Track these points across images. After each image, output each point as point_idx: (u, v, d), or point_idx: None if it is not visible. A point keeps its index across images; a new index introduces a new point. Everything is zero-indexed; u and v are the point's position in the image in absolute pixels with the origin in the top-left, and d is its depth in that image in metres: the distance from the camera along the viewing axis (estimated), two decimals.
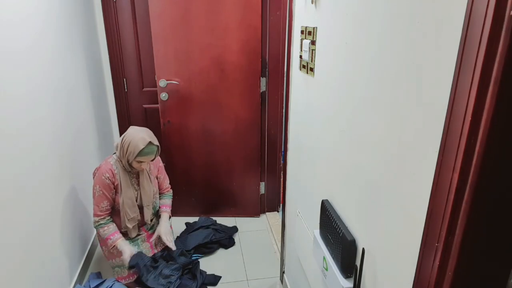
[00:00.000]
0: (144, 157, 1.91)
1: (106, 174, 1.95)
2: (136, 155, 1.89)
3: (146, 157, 1.92)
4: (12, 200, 1.41)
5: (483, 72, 0.53)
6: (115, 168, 1.98)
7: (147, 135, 1.93)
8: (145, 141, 1.89)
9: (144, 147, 1.88)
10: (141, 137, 1.90)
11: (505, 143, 0.56)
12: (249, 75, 2.46)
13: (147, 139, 1.90)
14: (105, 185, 1.95)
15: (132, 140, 1.90)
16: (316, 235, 1.26)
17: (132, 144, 1.89)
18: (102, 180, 1.95)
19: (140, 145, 1.88)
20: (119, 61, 2.70)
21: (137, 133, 1.93)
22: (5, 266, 1.35)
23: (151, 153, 1.92)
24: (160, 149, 2.00)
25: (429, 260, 0.68)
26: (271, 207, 2.93)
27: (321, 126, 1.28)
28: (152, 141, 1.92)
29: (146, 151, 1.90)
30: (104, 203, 1.97)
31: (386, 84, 0.82)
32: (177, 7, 2.28)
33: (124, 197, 2.00)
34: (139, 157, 1.90)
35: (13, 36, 1.47)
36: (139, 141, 1.88)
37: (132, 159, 1.91)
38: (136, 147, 1.88)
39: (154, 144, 1.93)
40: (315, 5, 1.25)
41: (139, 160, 1.92)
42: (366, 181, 0.95)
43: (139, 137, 1.90)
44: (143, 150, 1.88)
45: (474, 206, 0.59)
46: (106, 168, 1.97)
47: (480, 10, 0.53)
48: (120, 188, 1.99)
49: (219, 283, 2.16)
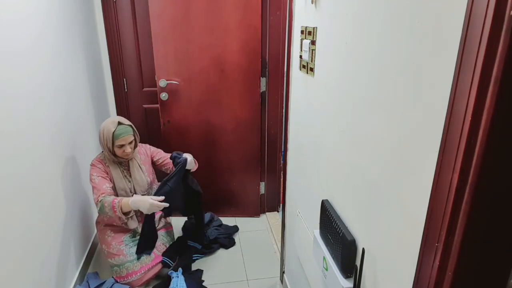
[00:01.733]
0: (120, 139, 1.94)
1: (98, 165, 2.01)
2: (112, 139, 1.93)
3: (122, 138, 1.95)
4: (12, 200, 1.41)
5: (483, 72, 0.53)
6: (105, 162, 2.03)
7: (116, 118, 1.99)
8: (114, 122, 1.94)
9: (115, 128, 1.92)
10: (111, 121, 1.97)
11: (505, 143, 0.56)
12: (249, 75, 2.45)
13: (116, 120, 1.95)
14: (100, 171, 2.00)
15: (104, 126, 1.96)
16: (316, 235, 1.26)
17: (105, 130, 1.95)
18: (96, 169, 2.00)
19: (111, 128, 1.93)
20: (119, 61, 2.70)
21: (107, 120, 2.00)
22: (5, 266, 1.35)
23: (125, 132, 1.95)
24: (134, 128, 2.03)
25: (429, 260, 0.68)
26: (271, 207, 2.93)
27: (321, 126, 1.28)
28: (122, 121, 1.97)
29: (119, 131, 1.94)
30: (106, 185, 1.98)
31: (386, 84, 0.82)
32: (177, 7, 2.28)
33: (118, 188, 2.04)
34: (116, 141, 1.93)
35: (13, 36, 1.47)
36: (109, 125, 1.95)
37: (111, 145, 1.94)
38: (108, 131, 1.93)
39: (125, 124, 1.97)
40: (315, 5, 1.25)
41: (118, 144, 1.95)
42: (366, 181, 0.95)
43: (109, 121, 1.97)
44: (116, 131, 1.92)
45: (474, 206, 0.59)
46: (96, 161, 2.03)
47: (480, 10, 0.53)
48: (112, 180, 2.03)
49: (219, 283, 2.17)
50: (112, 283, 2.02)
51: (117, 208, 1.90)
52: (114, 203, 1.90)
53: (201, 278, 2.18)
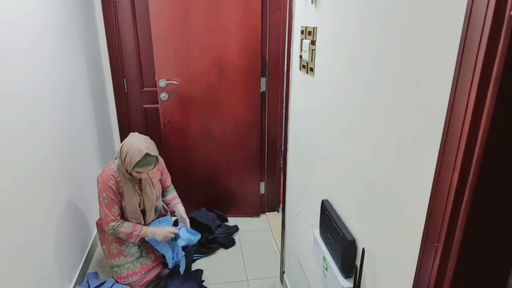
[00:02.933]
0: (141, 168, 1.87)
1: (110, 181, 1.92)
2: (133, 166, 1.85)
3: (143, 168, 1.88)
4: (12, 200, 1.41)
5: (483, 72, 0.53)
6: (118, 175, 1.95)
7: (144, 146, 1.85)
8: (142, 152, 1.82)
9: (141, 159, 1.83)
10: (138, 148, 1.83)
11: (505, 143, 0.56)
12: (249, 75, 2.45)
13: (144, 150, 1.83)
14: (112, 191, 1.93)
15: (129, 150, 1.84)
16: (316, 235, 1.26)
17: (129, 155, 1.84)
18: (108, 186, 1.92)
19: (137, 157, 1.82)
20: (119, 61, 2.70)
21: (135, 142, 1.86)
22: (5, 266, 1.35)
23: (148, 164, 1.87)
24: (158, 159, 1.96)
25: (429, 260, 0.68)
26: (271, 207, 2.93)
27: (321, 126, 1.28)
28: (150, 152, 1.85)
29: (143, 162, 1.85)
30: (115, 208, 1.94)
31: (386, 84, 0.82)
32: (177, 7, 2.28)
33: (127, 204, 1.98)
34: (136, 168, 1.86)
35: (13, 36, 1.47)
36: (135, 153, 1.83)
37: (130, 169, 1.87)
38: (132, 158, 1.83)
39: (152, 155, 1.87)
40: (315, 5, 1.25)
41: (137, 170, 1.88)
42: (366, 181, 0.95)
43: (136, 147, 1.83)
44: (140, 161, 1.84)
45: (474, 206, 0.59)
46: (109, 174, 1.93)
47: (480, 10, 0.53)
48: (123, 195, 1.97)
49: (219, 283, 2.17)
50: (112, 283, 2.02)
51: (134, 238, 1.99)
52: (133, 235, 1.98)
53: (201, 278, 2.18)
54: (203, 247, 2.41)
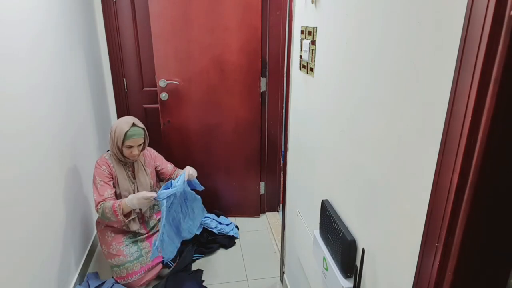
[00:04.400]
0: (131, 140, 1.96)
1: (102, 166, 2.01)
2: (123, 139, 1.94)
3: (133, 140, 1.97)
4: (12, 200, 1.41)
5: (483, 72, 0.53)
6: (110, 162, 2.04)
7: (131, 119, 2.01)
8: (129, 123, 1.96)
9: (129, 129, 1.94)
10: (125, 121, 1.98)
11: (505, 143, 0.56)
12: (249, 75, 2.45)
13: (131, 121, 1.98)
14: (104, 175, 2.00)
15: (117, 125, 1.98)
16: (316, 235, 1.26)
17: (118, 128, 1.96)
18: (100, 171, 2.00)
19: (125, 127, 1.95)
20: (119, 61, 2.70)
21: (121, 119, 2.03)
22: (5, 266, 1.35)
23: (137, 135, 1.97)
24: (146, 132, 2.05)
25: (429, 260, 0.68)
26: (271, 207, 2.93)
27: (321, 126, 1.28)
28: (136, 123, 1.99)
29: (131, 132, 1.95)
30: (107, 191, 1.98)
31: (386, 84, 0.82)
32: (177, 7, 2.28)
33: (121, 189, 2.04)
34: (126, 141, 1.95)
35: (13, 36, 1.47)
36: (123, 125, 1.97)
37: (121, 144, 1.96)
38: (121, 130, 1.95)
39: (139, 126, 2.00)
40: (315, 5, 1.25)
41: (127, 144, 1.96)
42: (366, 181, 0.95)
43: (123, 121, 1.99)
44: (128, 132, 1.94)
45: (474, 206, 0.59)
46: (102, 161, 2.03)
47: (480, 10, 0.53)
48: (116, 181, 2.04)
49: (219, 283, 2.17)
50: (112, 283, 2.02)
51: (118, 211, 1.91)
52: (115, 207, 1.91)
53: (201, 278, 2.18)
54: (203, 247, 2.41)
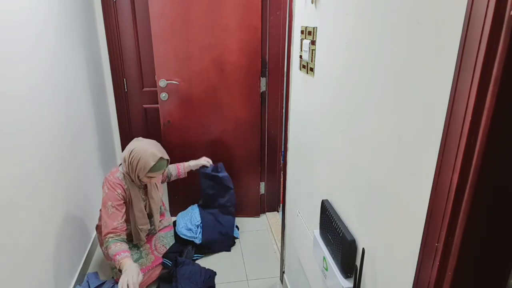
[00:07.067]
0: (155, 173, 1.86)
1: (117, 190, 1.88)
2: (148, 172, 1.83)
3: (157, 173, 1.87)
4: (12, 200, 1.41)
5: (483, 72, 0.53)
6: (124, 184, 1.91)
7: (157, 150, 1.85)
8: (156, 157, 1.82)
9: (155, 163, 1.82)
10: (151, 153, 1.82)
11: (505, 143, 0.56)
12: (249, 75, 2.45)
13: (158, 154, 1.83)
14: (117, 199, 1.87)
15: (142, 156, 1.81)
16: (316, 235, 1.26)
17: (142, 160, 1.81)
18: (114, 195, 1.86)
19: (151, 162, 1.81)
20: (119, 61, 2.70)
21: (146, 148, 1.84)
22: (5, 266, 1.35)
23: (162, 168, 1.87)
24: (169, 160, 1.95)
25: (429, 260, 0.68)
26: (271, 207, 2.93)
27: (321, 126, 1.28)
28: (163, 155, 1.86)
29: (157, 167, 1.84)
30: (118, 220, 1.86)
31: (386, 84, 0.82)
32: (177, 7, 2.28)
33: (136, 210, 1.96)
34: (150, 173, 1.85)
35: (13, 36, 1.47)
36: (149, 157, 1.81)
37: (142, 175, 1.84)
38: (146, 164, 1.81)
39: (165, 159, 1.88)
40: (315, 5, 1.25)
41: (149, 176, 1.87)
42: (366, 181, 0.95)
43: (148, 152, 1.82)
44: (154, 166, 1.82)
45: (474, 206, 0.59)
46: (116, 183, 1.89)
47: (480, 10, 0.53)
48: (130, 203, 1.95)
49: (219, 283, 2.16)
50: (112, 283, 2.02)
51: (117, 263, 1.76)
52: (116, 258, 1.75)
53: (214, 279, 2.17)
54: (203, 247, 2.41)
